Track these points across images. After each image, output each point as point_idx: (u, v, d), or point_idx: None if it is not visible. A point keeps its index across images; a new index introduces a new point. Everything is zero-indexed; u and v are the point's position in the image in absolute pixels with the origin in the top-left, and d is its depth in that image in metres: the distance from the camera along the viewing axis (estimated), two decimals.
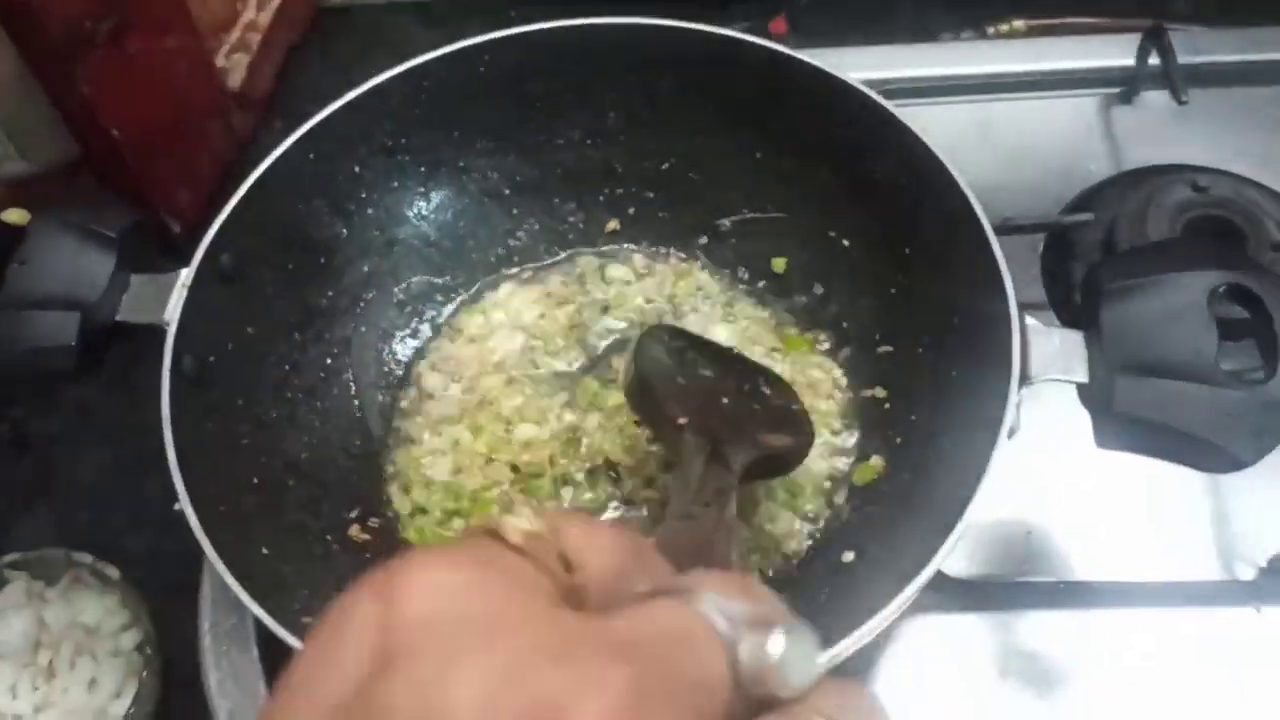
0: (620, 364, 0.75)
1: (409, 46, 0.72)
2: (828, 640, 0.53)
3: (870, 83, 0.88)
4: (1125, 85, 0.94)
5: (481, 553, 0.28)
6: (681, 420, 0.59)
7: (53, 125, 0.83)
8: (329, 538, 0.67)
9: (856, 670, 0.69)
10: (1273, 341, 0.56)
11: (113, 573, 0.74)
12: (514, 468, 0.71)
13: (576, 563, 0.29)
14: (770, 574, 0.68)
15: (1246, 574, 0.71)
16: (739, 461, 0.57)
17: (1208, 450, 0.55)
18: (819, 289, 0.77)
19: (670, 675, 0.26)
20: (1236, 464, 0.55)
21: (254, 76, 1.00)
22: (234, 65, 0.99)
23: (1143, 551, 0.72)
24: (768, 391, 0.67)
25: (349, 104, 0.72)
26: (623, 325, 0.79)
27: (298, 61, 1.07)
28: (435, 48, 0.73)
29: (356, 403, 0.75)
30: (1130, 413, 0.56)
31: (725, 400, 0.63)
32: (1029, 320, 0.60)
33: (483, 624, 0.26)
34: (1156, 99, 0.89)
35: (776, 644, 0.27)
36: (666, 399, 0.60)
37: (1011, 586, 0.71)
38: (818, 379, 0.75)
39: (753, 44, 0.72)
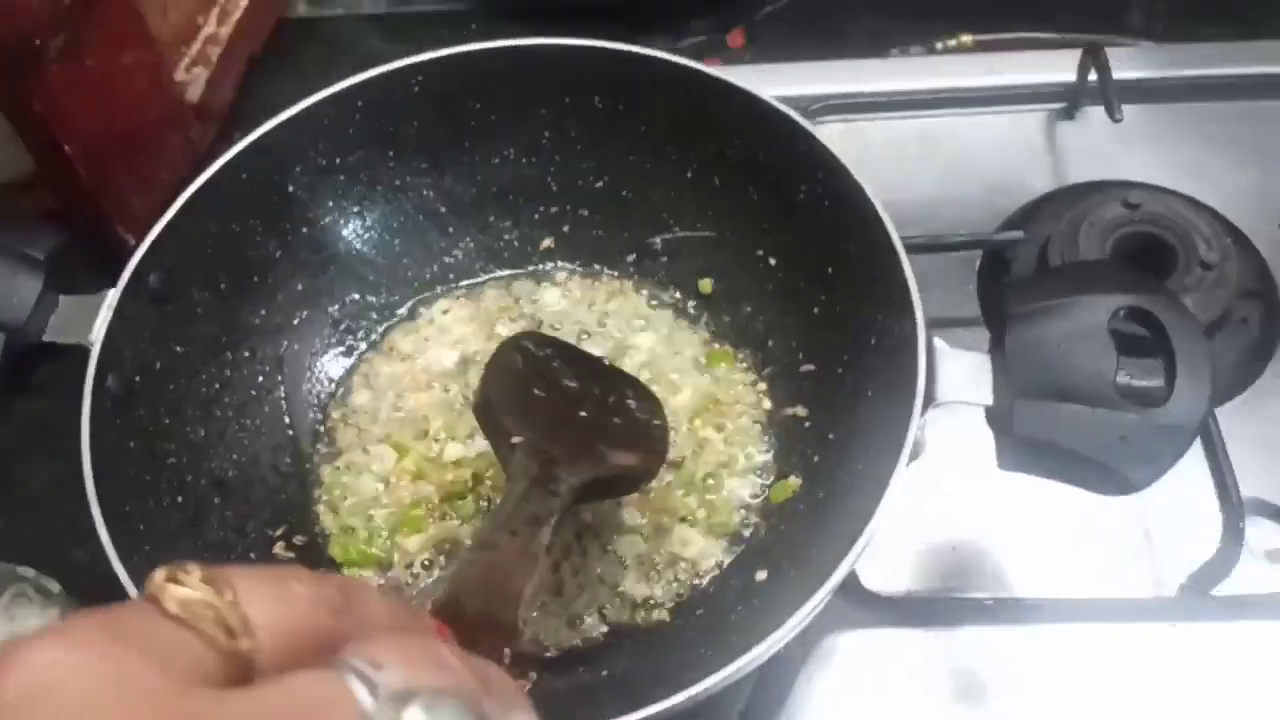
0: None
1: (372, 59, 0.73)
2: (736, 654, 0.54)
3: (812, 98, 0.91)
4: (1068, 101, 0.95)
5: (126, 624, 0.27)
6: (515, 439, 0.57)
7: (8, 138, 0.83)
8: (253, 556, 0.68)
9: (784, 686, 0.70)
10: (1172, 366, 0.57)
11: (54, 586, 0.75)
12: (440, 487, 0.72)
13: (242, 628, 0.28)
14: (681, 596, 0.69)
15: (1168, 591, 0.72)
16: (569, 484, 0.55)
17: (1102, 473, 0.56)
18: (746, 307, 0.78)
19: None
20: (1129, 487, 0.56)
21: (213, 89, 1.00)
22: (193, 78, 0.99)
23: (1068, 568, 0.73)
24: (632, 404, 0.65)
25: (282, 124, 0.73)
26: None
27: (259, 74, 1.07)
28: (395, 58, 0.74)
29: (287, 420, 0.76)
30: (1027, 435, 0.57)
31: (581, 414, 0.61)
32: (937, 342, 0.61)
33: (78, 707, 0.24)
34: (1098, 115, 0.89)
35: (412, 716, 0.26)
36: (504, 415, 0.59)
37: (939, 602, 0.72)
38: (739, 395, 0.75)
39: (680, 65, 0.73)
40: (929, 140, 0.94)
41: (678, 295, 0.81)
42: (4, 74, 0.78)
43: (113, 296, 0.66)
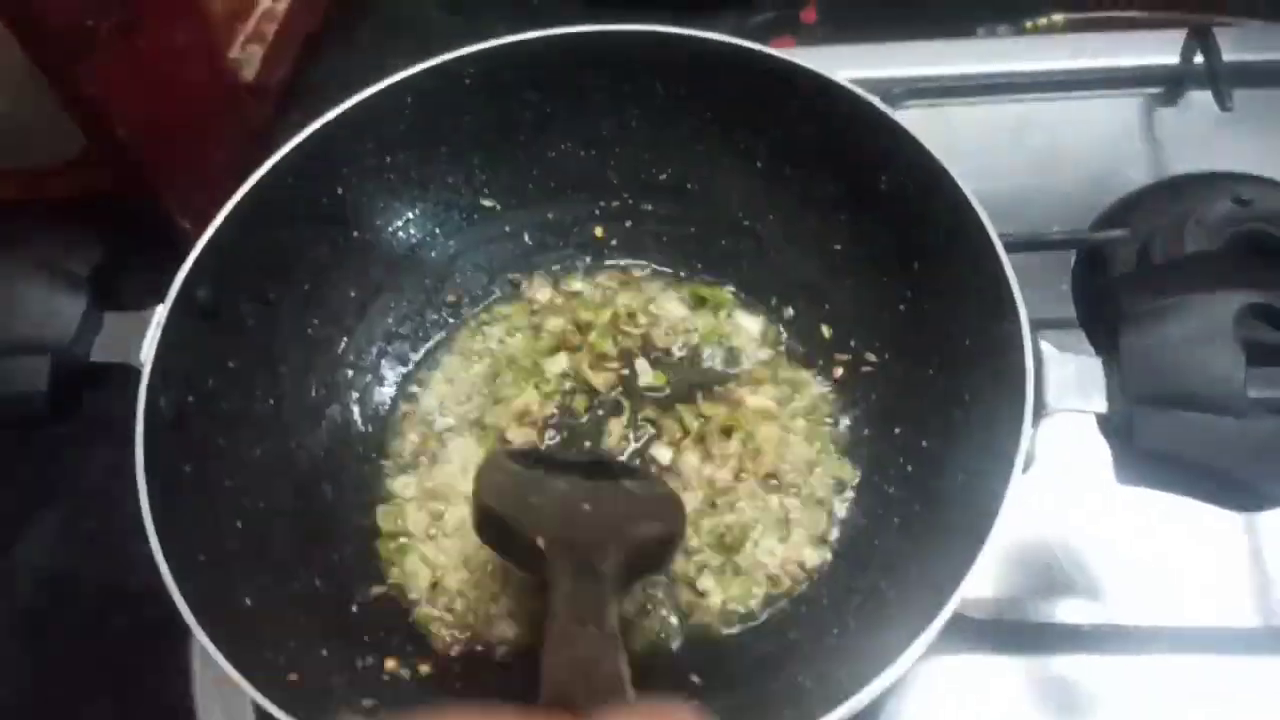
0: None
1: (431, 35, 0.69)
2: (841, 689, 0.50)
3: (895, 80, 0.86)
4: (1168, 86, 0.89)
5: None
6: (540, 542, 0.55)
7: (62, 119, 0.81)
8: (318, 583, 0.65)
9: (867, 716, 0.66)
10: None
11: None
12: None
13: None
14: (770, 610, 0.65)
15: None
16: (610, 568, 0.53)
17: (1235, 487, 0.52)
18: (825, 305, 0.74)
19: None
20: (1265, 503, 0.52)
21: (269, 67, 0.97)
22: (248, 57, 0.96)
23: (1170, 592, 0.69)
24: (630, 484, 0.63)
25: (329, 123, 0.69)
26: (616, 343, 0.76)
27: (316, 50, 1.03)
28: (458, 35, 0.70)
29: (347, 434, 0.73)
30: (1152, 447, 0.53)
31: (585, 506, 0.59)
32: (1044, 346, 0.57)
33: None
34: (1202, 101, 0.84)
35: None
36: (519, 523, 0.56)
37: (1032, 627, 0.68)
38: (818, 399, 0.72)
39: (747, 49, 0.69)
40: (1018, 127, 0.88)
41: (749, 291, 0.77)
42: (56, 57, 0.75)
43: (161, 313, 0.62)
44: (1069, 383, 0.56)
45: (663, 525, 0.60)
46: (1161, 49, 0.89)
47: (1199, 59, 0.85)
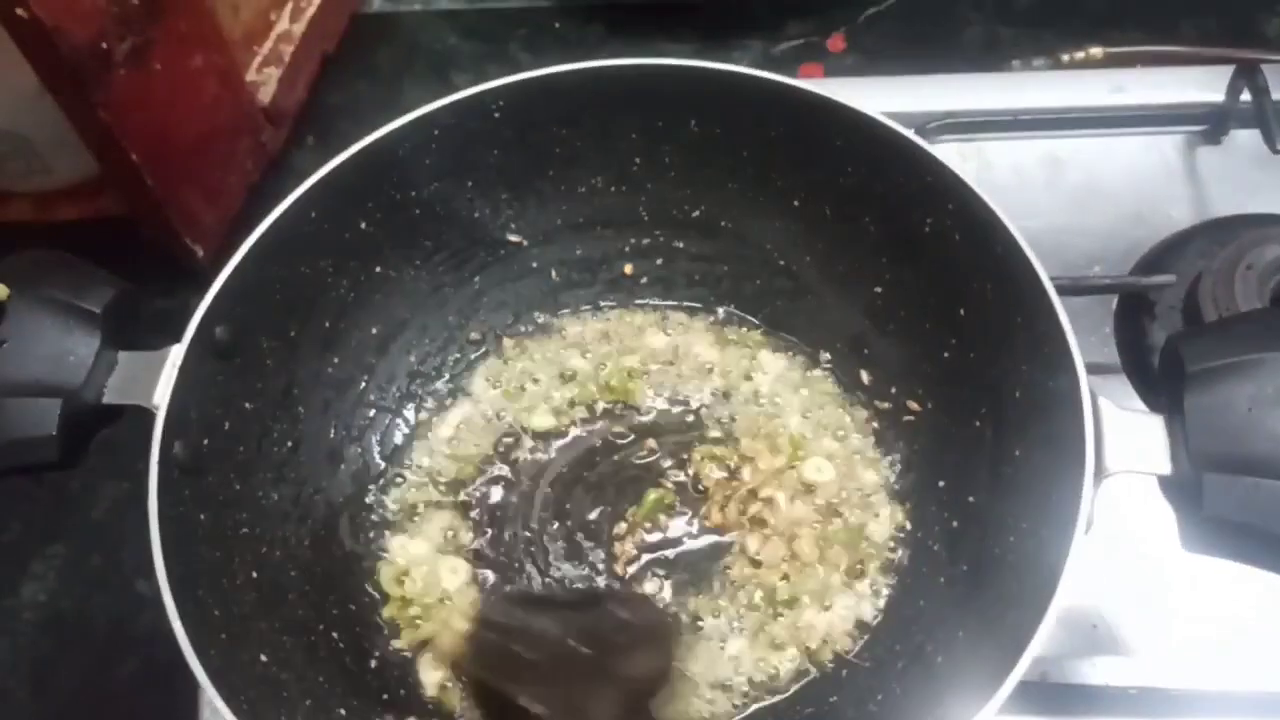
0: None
1: (450, 58, 0.67)
2: None
3: (929, 115, 0.84)
4: (1213, 124, 0.86)
5: None
6: (537, 711, 0.57)
7: (74, 141, 0.79)
8: (335, 635, 0.62)
9: None
10: None
11: None
12: None
13: None
14: (812, 675, 0.62)
15: None
16: (609, 715, 0.55)
17: None
18: (864, 350, 0.72)
19: None
20: None
21: (286, 90, 0.95)
22: (265, 79, 0.95)
23: (1218, 656, 0.66)
24: (622, 614, 0.63)
25: (353, 156, 0.67)
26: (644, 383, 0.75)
27: (332, 73, 1.02)
28: (476, 60, 0.68)
29: (365, 478, 0.70)
30: (1222, 515, 0.50)
31: (581, 650, 0.60)
32: (1103, 402, 0.54)
33: None
34: (1248, 140, 0.81)
35: None
36: (511, 696, 0.58)
37: (1076, 689, 0.64)
38: (857, 450, 0.69)
39: (781, 84, 0.67)
40: (1054, 164, 0.86)
41: (784, 334, 0.75)
42: (69, 80, 0.73)
43: (177, 353, 0.59)
44: (1129, 443, 0.53)
45: (655, 660, 0.61)
46: (1206, 85, 0.86)
47: (1246, 96, 0.82)
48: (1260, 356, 0.52)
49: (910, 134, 0.64)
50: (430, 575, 0.67)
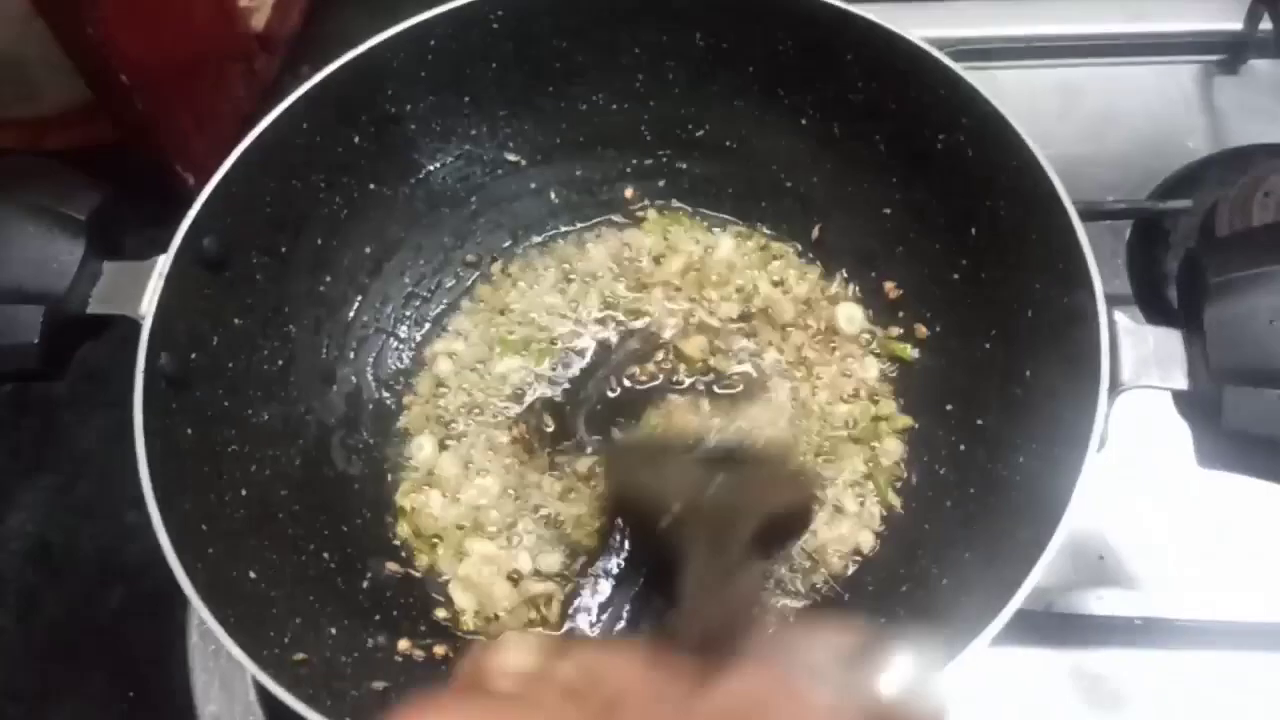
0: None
1: None
2: None
3: (940, 41, 0.80)
4: (1230, 52, 0.85)
5: (481, 708, 0.26)
6: (669, 515, 0.53)
7: (64, 66, 0.77)
8: (326, 555, 0.61)
9: None
10: None
11: None
12: None
13: (592, 687, 0.26)
14: (816, 590, 0.61)
15: None
16: (740, 539, 0.51)
17: None
18: (870, 272, 0.70)
19: None
20: None
21: (280, 16, 0.93)
22: (259, 5, 0.92)
23: (1231, 588, 0.64)
24: (758, 455, 0.61)
25: (345, 66, 0.65)
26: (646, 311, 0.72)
27: (328, 1, 0.98)
28: None
29: (359, 400, 0.69)
30: (1242, 428, 0.48)
31: (718, 478, 0.56)
32: (1119, 317, 0.52)
33: None
34: (1266, 69, 0.80)
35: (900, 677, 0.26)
36: (652, 496, 0.54)
37: (1080, 619, 0.63)
38: (864, 369, 0.68)
39: None
40: (1071, 93, 0.84)
41: (792, 249, 0.73)
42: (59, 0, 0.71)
43: (164, 263, 0.58)
44: (1146, 357, 0.52)
45: (794, 498, 0.58)
46: (1225, 13, 0.84)
47: (1265, 25, 0.80)
48: None
49: (926, 44, 0.62)
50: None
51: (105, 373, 0.79)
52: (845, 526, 0.63)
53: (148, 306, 0.57)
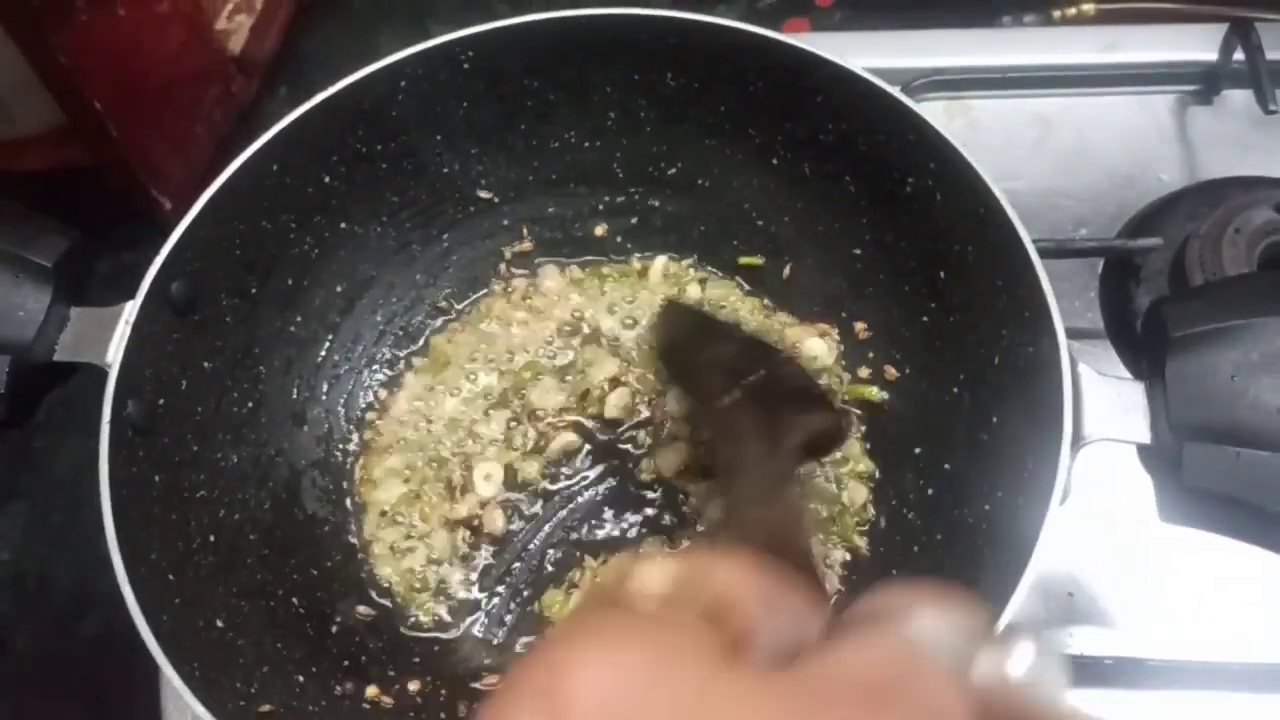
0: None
1: (427, 8, 0.64)
2: None
3: (915, 71, 0.82)
4: (1205, 84, 0.84)
5: (629, 630, 0.25)
6: (727, 398, 0.53)
7: (41, 89, 0.77)
8: (295, 600, 0.61)
9: None
10: None
11: None
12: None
13: (728, 610, 0.26)
14: None
15: None
16: (790, 441, 0.51)
17: None
18: (841, 313, 0.70)
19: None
20: None
21: (257, 38, 0.92)
22: (236, 27, 0.92)
23: (1195, 626, 0.65)
24: (792, 370, 0.60)
25: (317, 107, 0.64)
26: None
27: (306, 22, 0.98)
28: (455, 11, 0.65)
29: (329, 441, 0.68)
30: (1202, 486, 0.49)
31: (761, 372, 0.56)
32: (1083, 369, 0.52)
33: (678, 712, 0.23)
34: (1240, 101, 0.80)
35: (1021, 659, 0.25)
36: (704, 371, 0.55)
37: None
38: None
39: (763, 37, 0.64)
40: (1044, 124, 0.83)
41: (761, 296, 0.73)
42: (30, 24, 0.71)
43: (131, 309, 0.58)
44: (1109, 410, 0.52)
45: (831, 418, 0.58)
46: (1199, 44, 0.84)
47: (1239, 55, 0.80)
48: (1246, 322, 0.50)
49: (893, 90, 0.62)
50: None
51: (79, 400, 0.79)
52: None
53: (114, 354, 0.56)
